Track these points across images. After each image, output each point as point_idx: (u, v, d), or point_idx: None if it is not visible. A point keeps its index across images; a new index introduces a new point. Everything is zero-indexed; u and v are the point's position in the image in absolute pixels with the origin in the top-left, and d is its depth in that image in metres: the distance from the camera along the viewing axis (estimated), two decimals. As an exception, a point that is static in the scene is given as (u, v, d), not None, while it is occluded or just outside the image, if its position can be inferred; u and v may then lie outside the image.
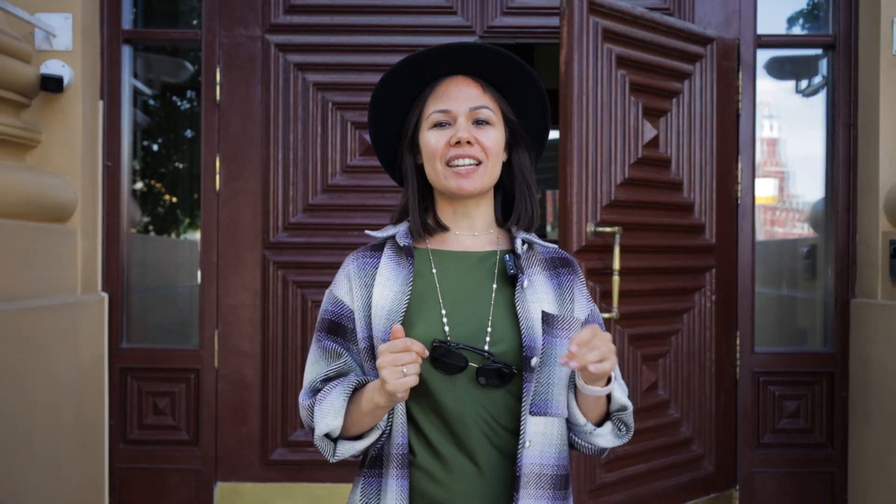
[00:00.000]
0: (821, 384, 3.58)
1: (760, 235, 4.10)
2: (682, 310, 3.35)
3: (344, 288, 1.41)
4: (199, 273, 4.55)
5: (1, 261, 2.81)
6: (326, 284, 1.45)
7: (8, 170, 3.02)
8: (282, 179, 3.51)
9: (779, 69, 4.28)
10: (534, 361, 1.31)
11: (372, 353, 1.35)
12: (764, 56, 3.90)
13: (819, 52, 3.77)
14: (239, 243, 3.52)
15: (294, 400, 3.51)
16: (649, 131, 3.17)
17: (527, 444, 1.30)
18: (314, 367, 1.39)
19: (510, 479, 1.32)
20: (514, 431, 1.32)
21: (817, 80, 3.93)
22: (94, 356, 3.38)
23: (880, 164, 3.33)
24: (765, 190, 6.35)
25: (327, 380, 1.37)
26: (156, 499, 3.53)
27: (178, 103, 5.24)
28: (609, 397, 1.33)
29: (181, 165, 5.56)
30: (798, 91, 4.27)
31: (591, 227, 2.93)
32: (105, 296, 3.48)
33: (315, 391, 1.36)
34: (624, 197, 3.11)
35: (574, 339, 1.18)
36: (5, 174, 2.97)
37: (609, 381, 1.30)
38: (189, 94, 5.13)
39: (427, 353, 1.23)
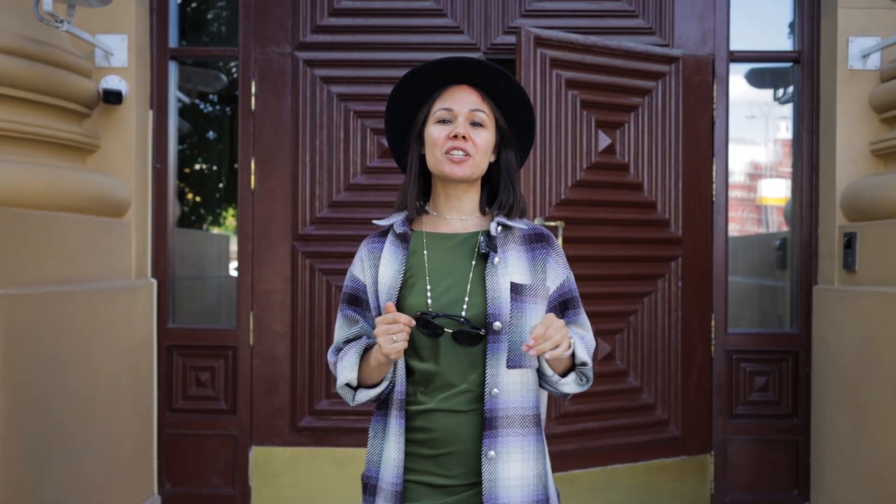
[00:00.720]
0: (787, 361, 4.01)
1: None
2: (643, 293, 3.83)
3: (358, 268, 1.75)
4: (229, 263, 5.04)
5: (70, 249, 3.27)
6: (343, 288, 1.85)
7: (74, 171, 3.48)
8: (309, 179, 3.96)
9: (760, 79, 4.72)
10: (496, 325, 1.60)
11: None
12: (742, 69, 4.35)
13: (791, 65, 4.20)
14: (271, 235, 3.98)
15: (319, 373, 3.97)
16: (604, 140, 3.69)
17: (494, 385, 1.60)
18: (339, 331, 1.77)
19: (480, 420, 1.62)
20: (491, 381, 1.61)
21: (791, 90, 4.35)
22: (145, 334, 3.85)
23: (837, 167, 3.75)
24: (776, 191, 6.63)
25: (348, 341, 1.73)
26: (198, 461, 3.99)
27: (203, 108, 5.68)
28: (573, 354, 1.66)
29: (204, 167, 6.01)
30: (775, 99, 4.70)
31: (538, 222, 3.46)
32: (154, 282, 3.94)
33: (339, 350, 1.74)
34: (577, 196, 3.66)
35: (532, 333, 1.46)
36: (72, 175, 3.44)
37: (568, 363, 1.64)
38: (212, 97, 5.57)
39: (413, 322, 1.53)
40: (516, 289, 1.60)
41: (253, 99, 3.95)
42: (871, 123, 3.73)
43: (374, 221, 1.79)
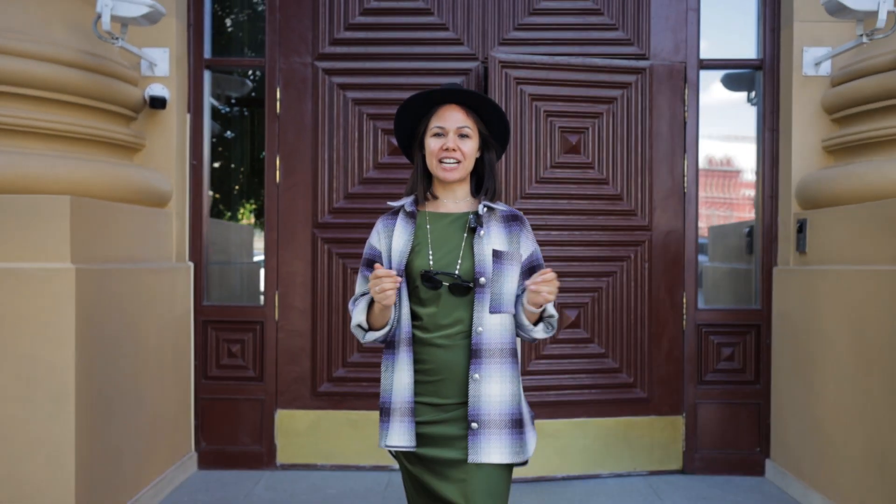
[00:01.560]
0: (751, 334, 4.50)
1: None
2: (608, 273, 4.39)
3: (375, 238, 2.24)
4: (252, 251, 5.56)
5: (125, 234, 3.78)
6: (362, 255, 2.36)
7: (124, 167, 4.01)
8: (327, 174, 4.49)
9: (737, 83, 5.20)
10: (481, 280, 2.09)
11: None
12: (715, 76, 4.84)
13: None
14: (294, 224, 4.51)
15: (337, 345, 4.49)
16: (567, 143, 4.29)
17: (479, 326, 2.09)
18: (358, 287, 2.29)
19: (468, 353, 2.12)
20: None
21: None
22: (184, 310, 4.39)
23: (793, 161, 4.26)
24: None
25: (364, 294, 2.25)
26: (230, 422, 4.52)
27: (222, 110, 6.17)
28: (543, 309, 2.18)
29: (223, 164, 6.50)
30: (748, 101, 5.18)
31: None
32: (191, 265, 4.48)
33: (356, 300, 2.25)
34: (540, 191, 4.32)
35: (542, 275, 1.98)
36: (123, 170, 3.96)
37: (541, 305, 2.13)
38: (232, 100, 6.07)
39: (399, 278, 2.02)
40: (497, 254, 2.14)
41: (278, 104, 4.48)
42: (822, 123, 4.24)
43: (389, 203, 2.32)
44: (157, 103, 4.12)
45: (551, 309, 2.18)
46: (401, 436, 2.12)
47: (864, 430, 3.44)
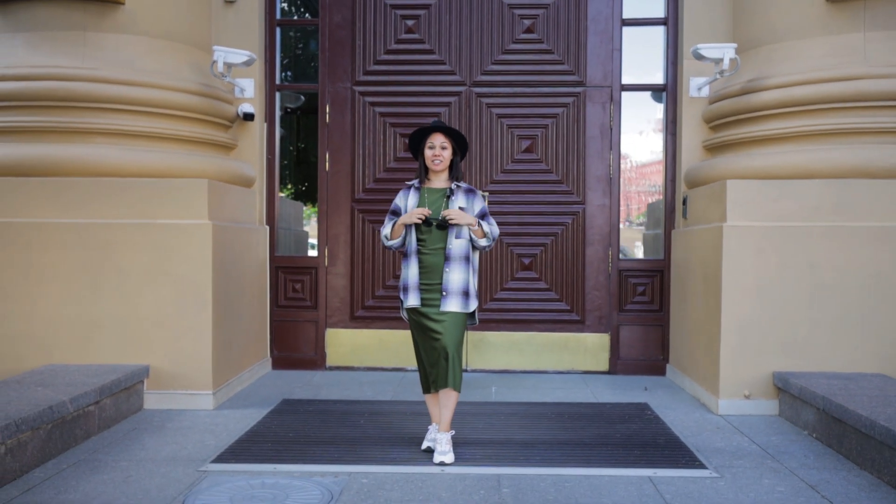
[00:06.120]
0: (657, 276, 6.42)
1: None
2: (551, 233, 6.34)
3: (398, 199, 4.17)
4: (302, 220, 7.53)
5: (232, 203, 5.75)
6: (390, 207, 4.31)
7: (227, 160, 5.98)
8: (361, 164, 6.45)
9: (659, 98, 7.08)
10: (452, 222, 4.00)
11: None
12: (643, 95, 6.72)
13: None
14: (338, 199, 6.47)
15: (368, 283, 6.46)
16: (523, 145, 6.22)
17: (450, 246, 4.04)
18: (386, 221, 4.20)
19: (443, 258, 4.07)
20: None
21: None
22: (263, 258, 6.37)
23: (683, 156, 6.16)
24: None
25: (390, 223, 4.20)
26: (293, 336, 6.51)
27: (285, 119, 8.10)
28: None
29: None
30: (671, 109, 7.05)
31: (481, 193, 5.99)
32: (267, 227, 6.46)
33: (385, 226, 4.22)
34: (504, 178, 6.29)
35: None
36: (227, 162, 5.93)
37: (482, 233, 4.12)
38: (287, 109, 7.99)
39: (425, 216, 4.04)
40: (461, 209, 4.07)
41: (327, 116, 6.44)
42: (703, 130, 6.13)
43: (406, 183, 4.25)
44: (249, 117, 6.10)
45: (488, 230, 4.08)
46: (415, 300, 4.06)
47: (704, 331, 5.36)
